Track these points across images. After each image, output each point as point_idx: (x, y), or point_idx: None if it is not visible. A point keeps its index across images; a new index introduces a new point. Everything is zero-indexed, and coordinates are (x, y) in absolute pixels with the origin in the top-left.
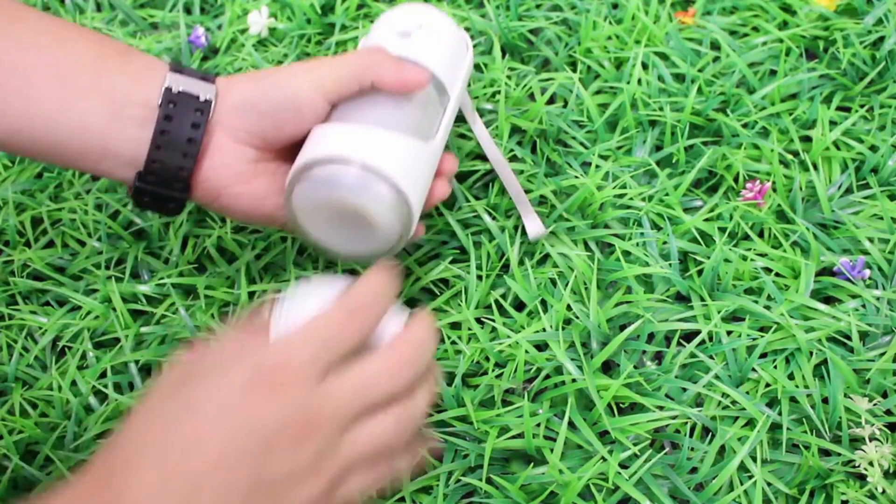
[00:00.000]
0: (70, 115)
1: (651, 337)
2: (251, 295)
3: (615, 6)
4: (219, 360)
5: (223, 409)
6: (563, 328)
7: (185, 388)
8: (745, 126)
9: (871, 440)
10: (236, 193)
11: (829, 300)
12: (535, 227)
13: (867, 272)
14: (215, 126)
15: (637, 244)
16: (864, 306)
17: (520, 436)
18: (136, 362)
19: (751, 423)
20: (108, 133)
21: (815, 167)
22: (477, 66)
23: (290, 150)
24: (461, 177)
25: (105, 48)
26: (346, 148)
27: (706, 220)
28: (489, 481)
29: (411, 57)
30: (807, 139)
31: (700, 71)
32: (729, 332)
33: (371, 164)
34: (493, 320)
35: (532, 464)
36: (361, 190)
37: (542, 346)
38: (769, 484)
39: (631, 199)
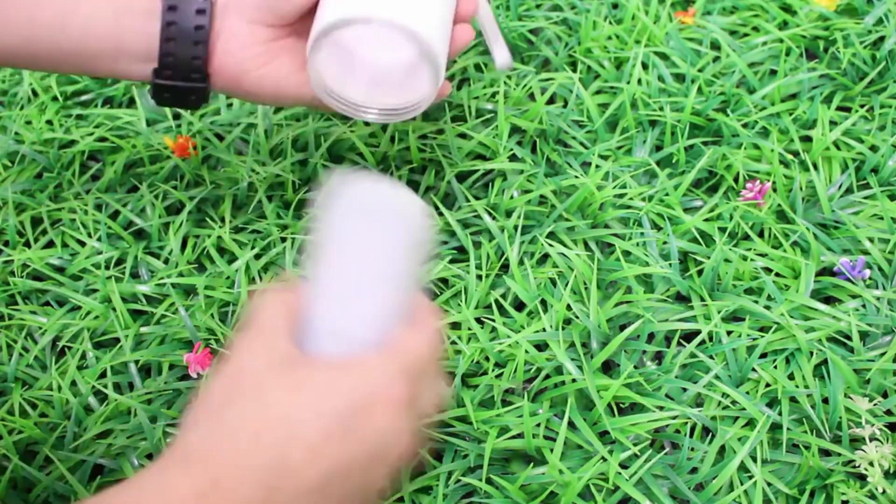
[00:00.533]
0: (76, 18)
1: (651, 337)
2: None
3: (615, 6)
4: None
5: (336, 428)
6: (563, 328)
7: (275, 403)
8: (745, 126)
9: (871, 440)
10: (258, 76)
11: (829, 300)
12: (503, 57)
13: (867, 272)
14: (224, 9)
15: (637, 244)
16: (864, 306)
17: (520, 436)
18: (136, 362)
19: (751, 423)
20: (118, 31)
21: (816, 167)
22: (477, 66)
23: (304, 23)
24: (461, 177)
25: None
26: (363, 6)
27: (706, 220)
28: (489, 481)
29: None
30: (807, 139)
31: (700, 71)
32: (729, 332)
33: (394, 19)
34: (493, 320)
35: (532, 464)
36: (386, 48)
37: (541, 346)
38: (769, 484)
39: (631, 199)
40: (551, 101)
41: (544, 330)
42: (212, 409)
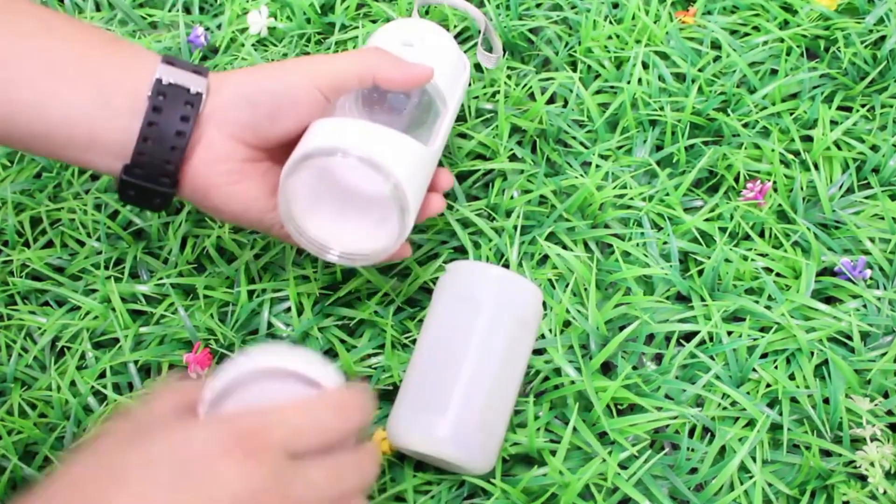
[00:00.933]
0: (56, 104)
1: (651, 338)
2: (250, 294)
3: (615, 6)
4: (173, 422)
5: (186, 467)
6: (562, 331)
7: (136, 443)
8: (745, 126)
9: (872, 441)
10: (227, 193)
11: (830, 300)
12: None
13: (868, 272)
14: (207, 120)
15: (637, 244)
16: (865, 306)
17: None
18: (136, 362)
19: (751, 424)
20: (95, 122)
21: (816, 167)
22: (477, 66)
23: (282, 151)
24: (461, 177)
25: (95, 38)
26: (347, 140)
27: (706, 220)
28: (490, 483)
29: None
30: (808, 139)
31: (700, 70)
32: (729, 333)
33: (372, 157)
34: None
35: (535, 465)
36: (360, 187)
37: (540, 350)
38: (770, 484)
39: (631, 199)
40: (551, 100)
41: (543, 336)
42: (74, 457)
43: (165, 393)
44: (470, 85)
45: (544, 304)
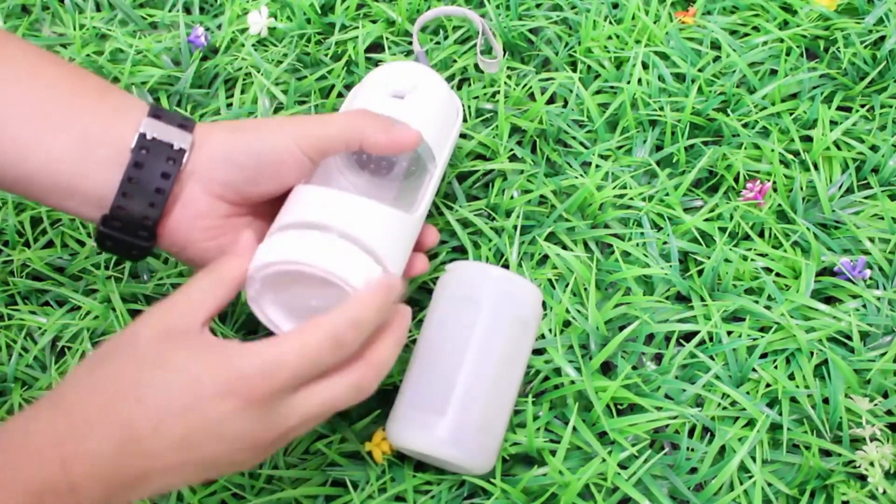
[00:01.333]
0: (39, 151)
1: (651, 338)
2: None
3: (615, 6)
4: (172, 354)
5: (197, 405)
6: (562, 331)
7: (144, 370)
8: (745, 126)
9: (871, 440)
10: (204, 248)
11: (829, 300)
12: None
13: (868, 272)
14: (189, 176)
15: (637, 244)
16: (864, 306)
17: (520, 436)
18: None
19: (751, 424)
20: (76, 172)
21: (816, 167)
22: (477, 66)
23: (265, 206)
24: (461, 177)
25: (82, 85)
26: (325, 215)
27: (706, 220)
28: (490, 483)
29: (403, 120)
30: (807, 139)
31: (700, 71)
32: (729, 333)
33: (350, 232)
34: None
35: (535, 465)
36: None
37: (540, 350)
38: (769, 484)
39: (631, 199)
40: (551, 100)
41: (543, 336)
42: (91, 364)
43: (154, 317)
44: (470, 85)
45: (544, 304)
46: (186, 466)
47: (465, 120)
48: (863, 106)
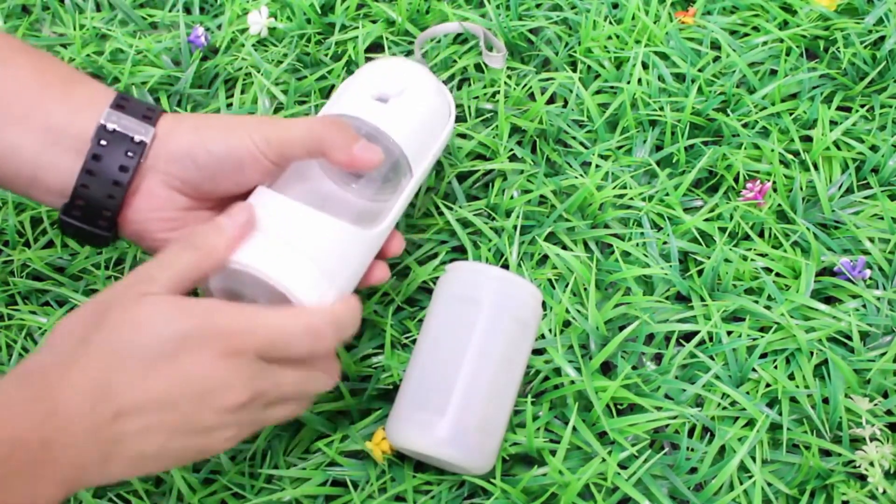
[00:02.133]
0: (3, 140)
1: (651, 338)
2: None
3: (615, 6)
4: (170, 308)
5: (169, 360)
6: (562, 331)
7: (127, 325)
8: (745, 126)
9: (871, 440)
10: (161, 239)
11: (829, 300)
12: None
13: (868, 272)
14: (149, 169)
15: (637, 244)
16: (864, 306)
17: (520, 436)
18: None
19: (751, 424)
20: (39, 162)
21: (816, 167)
22: (477, 67)
23: (227, 201)
24: (461, 177)
25: (49, 75)
26: (271, 224)
27: (706, 220)
28: (490, 483)
29: (382, 128)
30: (807, 139)
31: (700, 71)
32: (729, 333)
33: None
34: None
35: (535, 465)
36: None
37: (540, 350)
38: (769, 484)
39: (631, 199)
40: (551, 100)
41: (543, 336)
42: (65, 328)
43: (131, 278)
44: (470, 85)
45: (544, 304)
46: (161, 430)
47: (464, 120)
48: (862, 106)
